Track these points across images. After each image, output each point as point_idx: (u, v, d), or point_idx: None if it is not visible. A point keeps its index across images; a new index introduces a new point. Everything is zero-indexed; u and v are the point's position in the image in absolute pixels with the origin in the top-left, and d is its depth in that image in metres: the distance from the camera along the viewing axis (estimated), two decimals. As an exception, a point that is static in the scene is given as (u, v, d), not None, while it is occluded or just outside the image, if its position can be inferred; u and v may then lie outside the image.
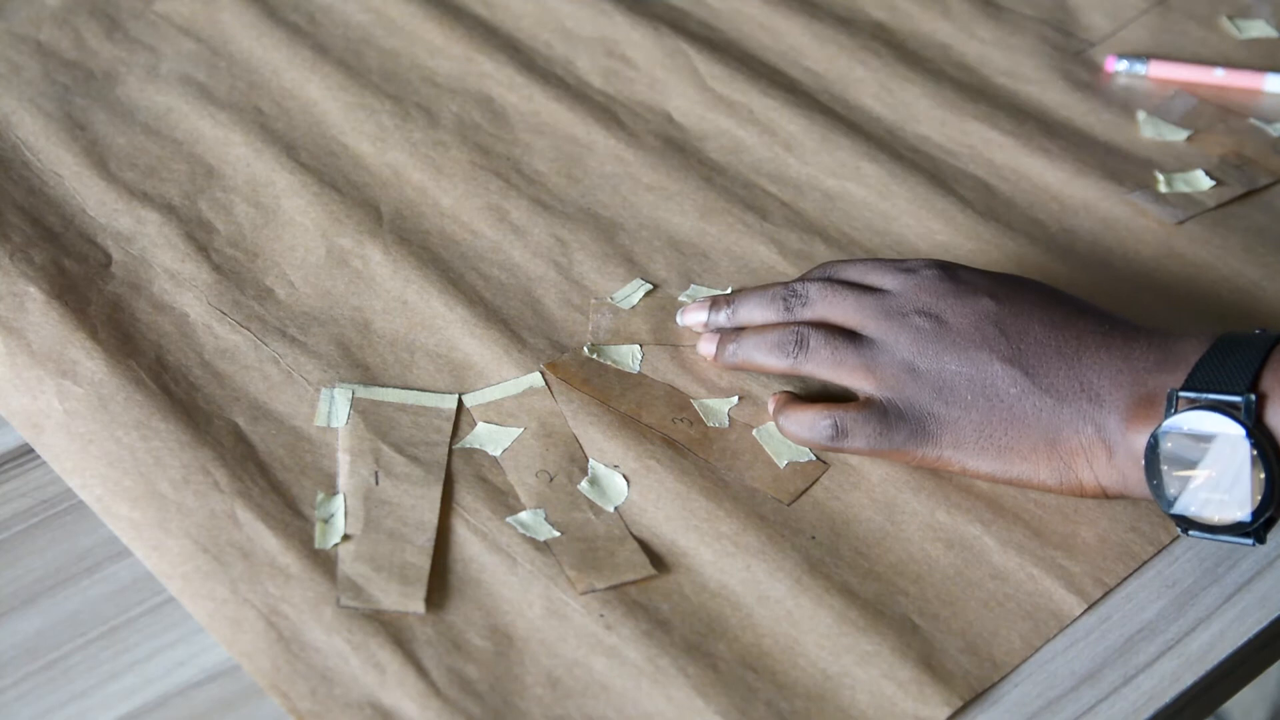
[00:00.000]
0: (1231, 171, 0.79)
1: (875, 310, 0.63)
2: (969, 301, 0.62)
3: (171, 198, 0.74)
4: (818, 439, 0.62)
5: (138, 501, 0.59)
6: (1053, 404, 0.60)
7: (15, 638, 0.56)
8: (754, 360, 0.65)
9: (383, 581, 0.57)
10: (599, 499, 0.61)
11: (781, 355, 0.64)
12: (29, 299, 0.67)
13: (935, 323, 0.62)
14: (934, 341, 0.62)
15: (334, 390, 0.65)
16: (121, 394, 0.63)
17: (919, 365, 0.61)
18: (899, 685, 0.55)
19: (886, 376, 0.62)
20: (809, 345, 0.63)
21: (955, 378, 0.61)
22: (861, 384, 0.62)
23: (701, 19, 0.89)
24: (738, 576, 0.59)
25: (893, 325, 0.62)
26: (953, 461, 0.61)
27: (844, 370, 0.63)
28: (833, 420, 0.62)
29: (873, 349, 0.62)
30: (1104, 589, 0.59)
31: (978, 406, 0.60)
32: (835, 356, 0.63)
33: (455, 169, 0.77)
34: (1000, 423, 0.60)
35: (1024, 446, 0.60)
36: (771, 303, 0.66)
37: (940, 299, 0.63)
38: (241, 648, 0.55)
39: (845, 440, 0.62)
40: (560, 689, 0.55)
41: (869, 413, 0.61)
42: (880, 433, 0.61)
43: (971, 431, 0.61)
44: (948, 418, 0.61)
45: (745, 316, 0.66)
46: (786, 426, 0.63)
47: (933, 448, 0.61)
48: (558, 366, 0.67)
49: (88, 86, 0.81)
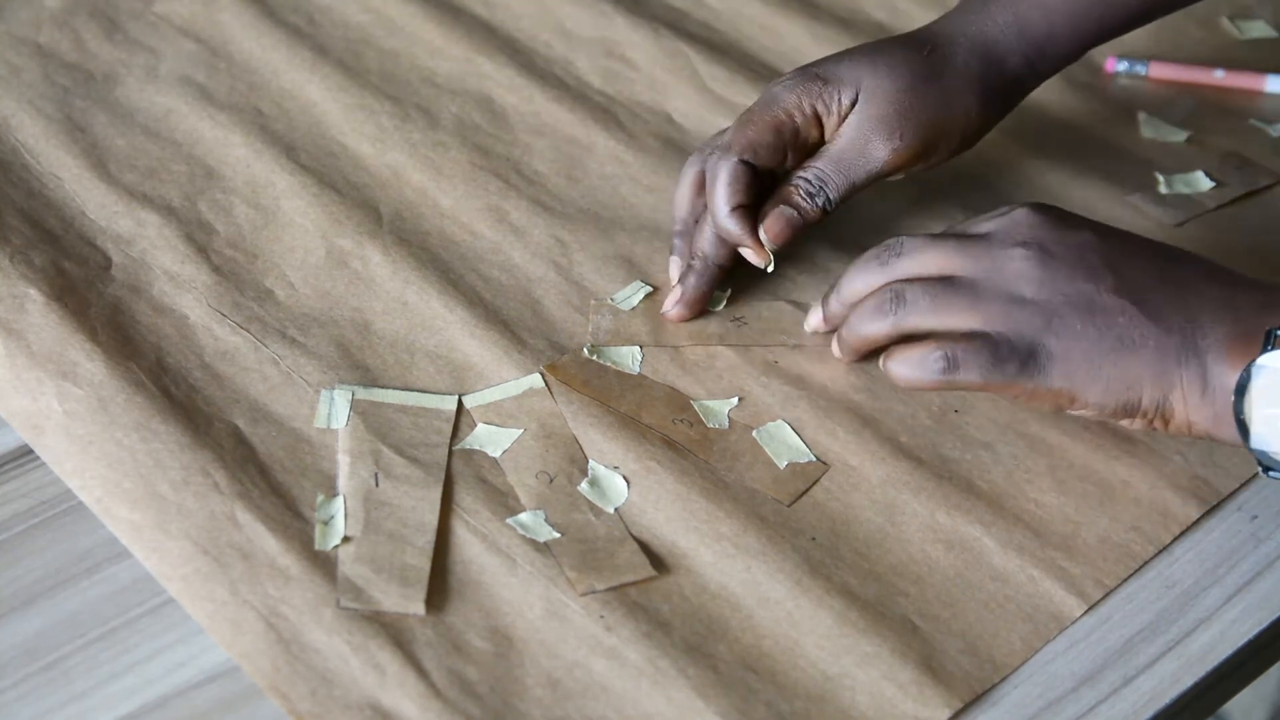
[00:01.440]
0: (1232, 172, 0.79)
1: (976, 251, 0.62)
2: (1072, 234, 0.62)
3: (171, 199, 0.74)
4: (928, 375, 0.61)
5: (138, 503, 0.59)
6: (1159, 333, 0.59)
7: (15, 638, 0.56)
8: (860, 335, 0.64)
9: (383, 583, 0.57)
10: (599, 500, 0.61)
11: (881, 317, 0.62)
12: (29, 301, 0.67)
13: (1040, 252, 0.61)
14: (1040, 270, 0.61)
15: (334, 392, 0.65)
16: (121, 396, 0.63)
17: (1026, 294, 0.61)
18: (899, 686, 0.55)
19: (993, 310, 0.61)
20: (905, 298, 0.62)
21: (1064, 307, 0.60)
22: (968, 322, 0.61)
23: (701, 20, 0.89)
24: (738, 578, 0.58)
25: (995, 261, 0.61)
26: (1064, 393, 0.60)
27: (948, 313, 0.61)
28: (943, 352, 0.60)
29: (974, 286, 0.61)
30: (1104, 590, 0.59)
31: (1088, 335, 0.60)
32: (935, 302, 0.61)
33: (455, 170, 0.77)
34: (1109, 351, 0.59)
35: (1130, 376, 0.59)
36: (867, 267, 0.64)
37: (1042, 231, 0.62)
38: (241, 649, 0.55)
39: (958, 373, 0.60)
40: (560, 690, 0.55)
41: (980, 344, 0.60)
42: (993, 364, 0.60)
43: (1081, 360, 0.60)
44: (1057, 348, 0.60)
45: (848, 291, 0.65)
46: (895, 368, 0.62)
47: (1043, 379, 0.60)
48: (558, 368, 0.67)
49: (87, 88, 0.81)
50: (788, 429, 0.65)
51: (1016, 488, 0.63)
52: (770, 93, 0.70)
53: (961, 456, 0.64)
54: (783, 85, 0.70)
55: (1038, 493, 0.63)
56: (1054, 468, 0.64)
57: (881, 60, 0.69)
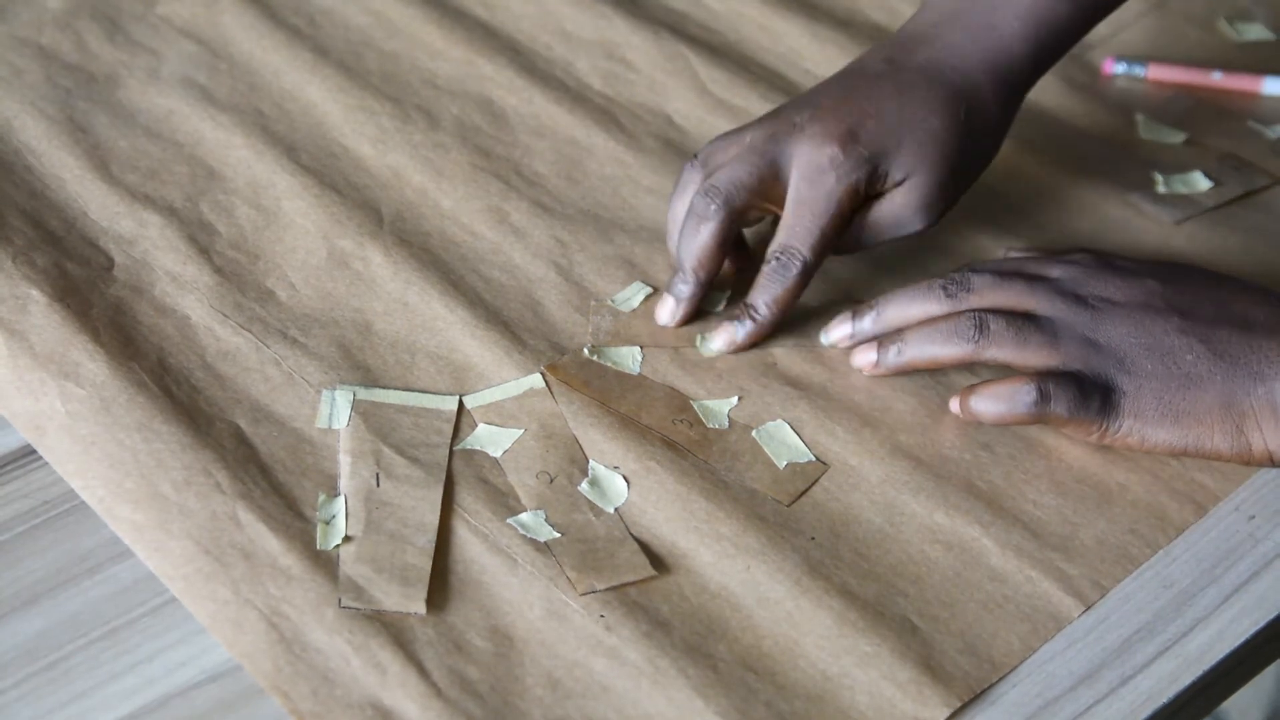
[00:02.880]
0: (1230, 173, 0.80)
1: (1049, 292, 0.64)
2: (1135, 282, 0.64)
3: (173, 200, 0.75)
4: (1019, 409, 0.62)
5: (140, 503, 0.60)
6: (1227, 367, 0.61)
7: (16, 638, 0.56)
8: (926, 354, 0.64)
9: (384, 582, 0.57)
10: (599, 500, 0.61)
11: (961, 341, 0.63)
12: (31, 302, 0.68)
13: (1107, 302, 0.63)
14: (1110, 316, 0.63)
15: (335, 392, 0.65)
16: (124, 396, 0.63)
17: (1099, 339, 0.62)
18: (898, 686, 0.55)
19: (1072, 350, 0.62)
20: (990, 328, 0.63)
21: (1134, 348, 0.62)
22: (1047, 360, 0.62)
23: (701, 21, 0.90)
24: (738, 578, 0.59)
25: (1069, 304, 0.63)
26: (1133, 433, 0.62)
27: (1029, 350, 0.63)
28: (1035, 385, 0.62)
29: (1054, 326, 0.63)
30: (1102, 592, 0.59)
31: (1157, 375, 0.61)
32: (1020, 336, 0.63)
33: (456, 171, 0.78)
34: (1178, 389, 0.61)
35: (1200, 411, 0.61)
36: (927, 295, 0.65)
37: (1107, 281, 0.64)
38: (243, 649, 0.55)
39: (1048, 406, 0.61)
40: (560, 690, 0.55)
41: (1068, 380, 0.62)
42: (1079, 400, 0.61)
43: (1152, 400, 0.61)
44: (1129, 388, 0.61)
45: (897, 316, 0.66)
46: (980, 405, 0.63)
47: (1115, 419, 0.62)
48: (558, 368, 0.67)
49: (89, 90, 0.81)
50: (787, 429, 0.65)
51: (1015, 489, 0.63)
52: (824, 183, 0.67)
53: (960, 457, 0.64)
54: (835, 174, 0.67)
55: (1036, 494, 0.63)
56: (1052, 470, 0.64)
57: (930, 144, 0.68)
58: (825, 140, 0.67)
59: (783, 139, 0.68)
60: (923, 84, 0.69)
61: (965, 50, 0.70)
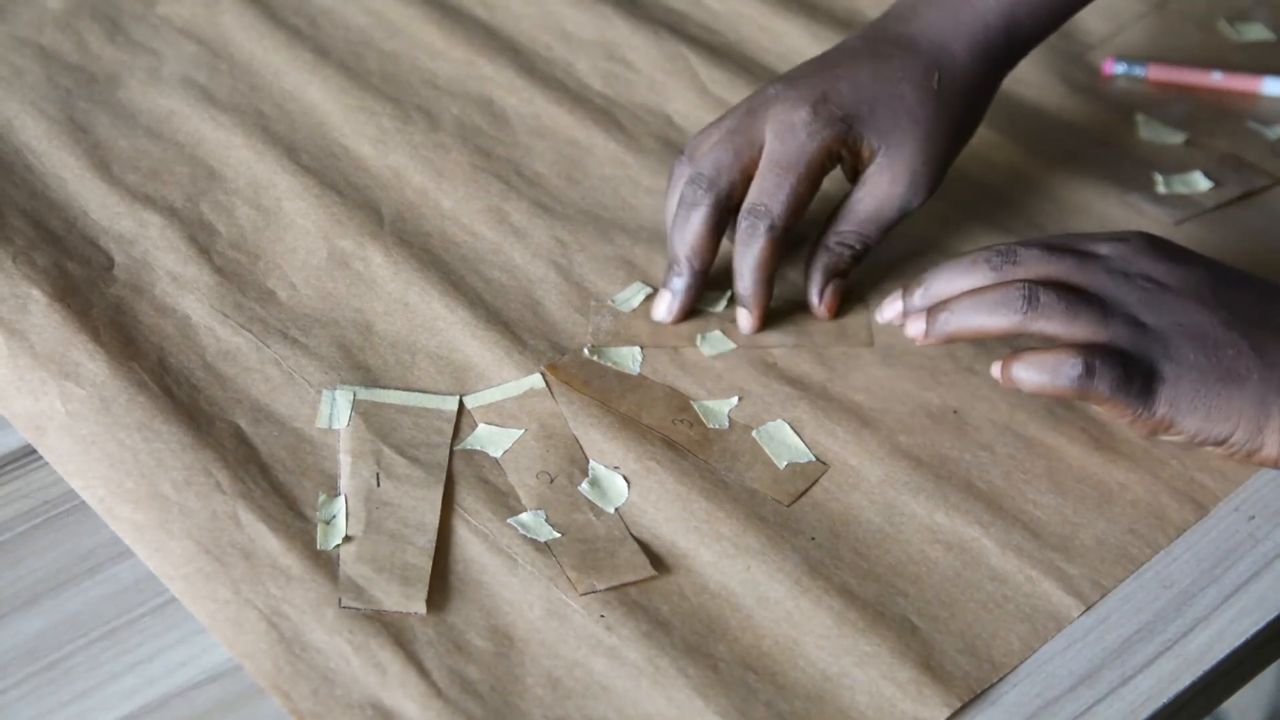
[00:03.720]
0: (1229, 174, 0.80)
1: (1099, 269, 0.63)
2: (1185, 267, 0.63)
3: (173, 200, 0.75)
4: (1062, 380, 0.61)
5: (140, 503, 0.60)
6: (1264, 368, 0.61)
7: (17, 638, 0.56)
8: (972, 323, 0.63)
9: (384, 582, 0.57)
10: (599, 500, 0.61)
11: (1010, 311, 0.62)
12: (32, 301, 0.68)
13: (1157, 284, 0.62)
14: (1159, 299, 0.62)
15: (335, 392, 0.65)
16: (124, 396, 0.63)
17: (1147, 321, 0.62)
18: (898, 686, 0.55)
19: (1120, 328, 0.61)
20: (1039, 299, 0.62)
21: (1179, 335, 0.61)
22: (1096, 335, 0.61)
23: (701, 21, 0.90)
24: (738, 578, 0.59)
25: (1118, 283, 0.62)
26: (1164, 419, 0.61)
27: (1079, 324, 0.61)
28: (1082, 359, 0.60)
29: (1103, 303, 0.62)
30: (1102, 591, 0.59)
31: (1198, 366, 0.61)
32: (1070, 310, 0.61)
33: (456, 171, 0.78)
34: (1216, 382, 0.61)
35: (1231, 407, 0.61)
36: (973, 268, 0.64)
37: (1158, 263, 0.63)
38: (243, 648, 0.55)
39: (1092, 382, 0.60)
40: (561, 690, 0.55)
41: (1115, 358, 0.61)
42: (1124, 378, 0.61)
43: (1188, 389, 0.61)
44: (1169, 374, 0.61)
45: (944, 288, 0.65)
46: (1023, 373, 0.61)
47: (1152, 405, 0.61)
48: (558, 368, 0.67)
49: (90, 90, 0.81)
50: (787, 429, 0.65)
51: (1015, 489, 0.63)
52: (796, 139, 0.68)
53: (960, 457, 0.64)
54: (807, 130, 0.68)
55: (1036, 494, 0.63)
56: (1052, 470, 0.64)
57: (903, 111, 0.69)
58: (798, 104, 0.69)
59: (758, 112, 0.69)
60: (897, 54, 0.70)
61: (941, 24, 0.71)
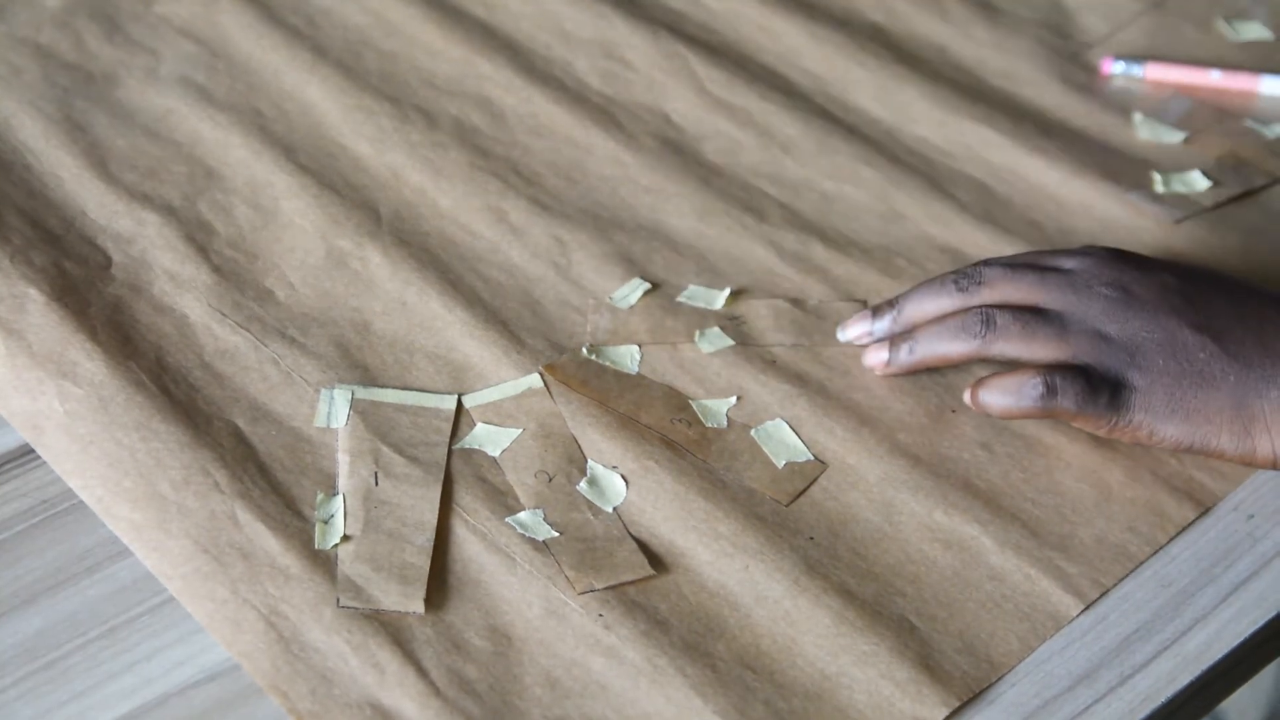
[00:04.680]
0: (1228, 173, 0.80)
1: (1060, 285, 0.63)
2: (1151, 275, 0.64)
3: (171, 200, 0.75)
4: (1026, 401, 0.62)
5: (138, 502, 0.60)
6: (1240, 369, 0.61)
7: (15, 638, 0.56)
8: (936, 352, 0.64)
9: (382, 582, 0.57)
10: (597, 499, 0.61)
11: (969, 338, 0.63)
12: (29, 300, 0.67)
13: (1122, 293, 0.63)
14: (1123, 309, 0.62)
15: (333, 391, 0.65)
16: (122, 395, 0.63)
17: (1110, 332, 0.62)
18: (896, 685, 0.55)
19: (1081, 343, 0.62)
20: (996, 323, 0.63)
21: (1146, 343, 0.62)
22: (1056, 353, 0.62)
23: (700, 21, 0.90)
24: (736, 577, 0.59)
25: (1080, 297, 0.63)
26: (1142, 427, 0.61)
27: (1037, 343, 0.62)
28: (1042, 379, 0.61)
29: (1063, 319, 0.63)
30: (1101, 590, 0.59)
31: (1169, 371, 0.61)
32: (1026, 330, 0.62)
33: (454, 170, 0.78)
34: (1190, 386, 0.61)
35: (1210, 410, 0.61)
36: (940, 290, 0.65)
37: (1123, 273, 0.64)
38: (241, 648, 0.55)
39: (1055, 400, 0.61)
40: (559, 689, 0.55)
41: (1075, 373, 0.61)
42: (1087, 394, 0.61)
43: (1162, 395, 0.61)
44: (1140, 383, 0.61)
45: (913, 313, 0.65)
46: (989, 398, 0.63)
47: (1125, 413, 0.61)
48: (556, 368, 0.67)
49: (88, 89, 0.81)
50: (786, 428, 0.65)
51: (1014, 487, 0.63)
52: None
53: (959, 455, 0.64)
54: None
55: (1035, 493, 0.63)
56: (1051, 468, 0.64)
57: None
58: None
59: None
60: None
61: None
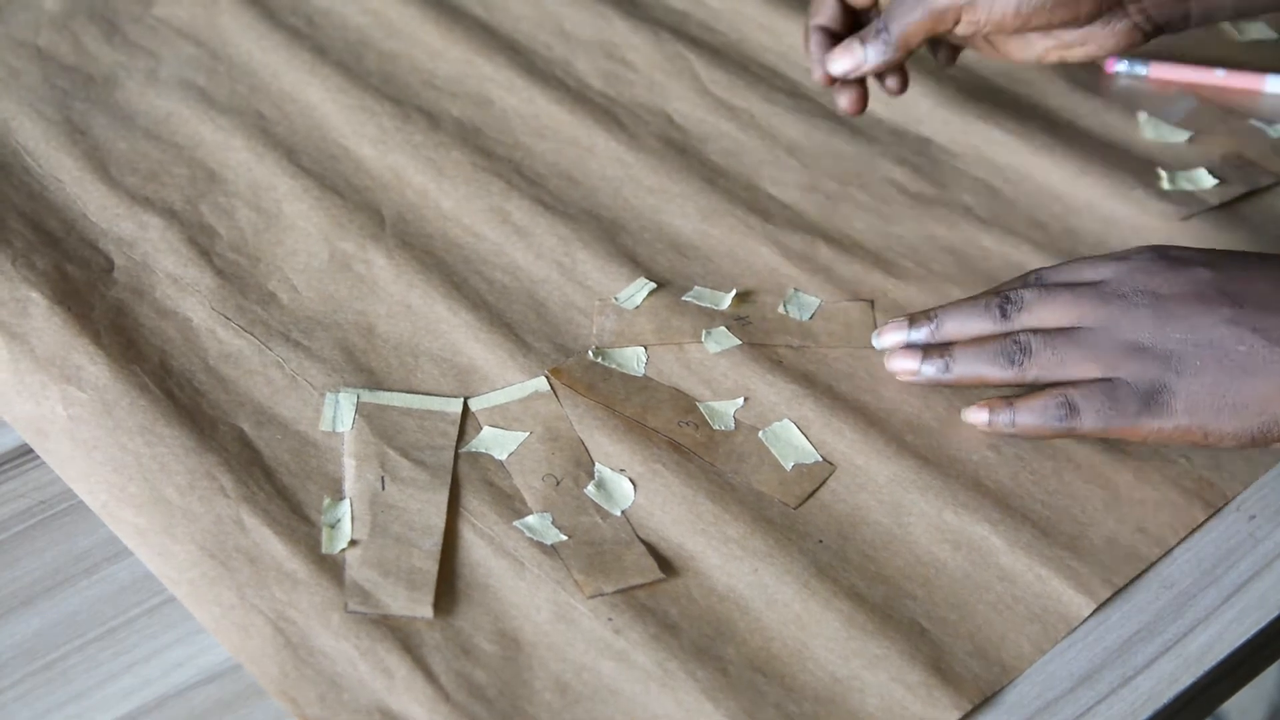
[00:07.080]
0: (1232, 172, 0.80)
1: (1091, 300, 0.64)
2: (1184, 273, 0.63)
3: (173, 202, 0.74)
4: (1050, 422, 0.62)
5: (143, 507, 0.59)
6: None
7: (13, 639, 0.56)
8: (974, 373, 0.65)
9: (390, 586, 0.57)
10: (606, 503, 0.61)
11: (1006, 365, 0.64)
12: (32, 304, 0.67)
13: (1153, 298, 0.63)
14: (1154, 315, 0.62)
15: (339, 395, 0.65)
16: (126, 399, 0.63)
17: (1143, 341, 0.62)
18: (908, 688, 0.55)
19: (1111, 358, 0.62)
20: (1031, 350, 0.63)
21: (1181, 345, 0.62)
22: (1089, 371, 0.63)
23: (701, 21, 0.89)
24: (745, 580, 0.58)
25: (1111, 310, 0.63)
26: (1192, 429, 0.61)
27: (1069, 365, 0.63)
28: (1063, 398, 0.62)
29: (1093, 336, 0.63)
30: (1112, 589, 0.59)
31: (1209, 370, 0.61)
32: (1058, 355, 0.63)
33: (457, 171, 0.77)
34: (1232, 381, 0.61)
35: (1259, 400, 0.61)
36: (985, 312, 0.66)
37: (1155, 276, 0.64)
38: (249, 653, 0.55)
39: (1078, 419, 0.62)
40: (569, 693, 0.55)
41: (1096, 388, 0.62)
42: (1111, 407, 0.61)
43: (1206, 395, 0.61)
44: (1179, 386, 0.61)
45: (953, 330, 0.66)
46: (1020, 419, 0.63)
47: (1168, 418, 0.61)
48: (562, 372, 0.66)
49: (87, 91, 0.81)
50: (794, 429, 0.65)
51: (1023, 488, 0.63)
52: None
53: (968, 456, 0.64)
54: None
55: (1044, 493, 0.63)
56: (1059, 469, 0.64)
57: None
58: None
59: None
60: None
61: None
